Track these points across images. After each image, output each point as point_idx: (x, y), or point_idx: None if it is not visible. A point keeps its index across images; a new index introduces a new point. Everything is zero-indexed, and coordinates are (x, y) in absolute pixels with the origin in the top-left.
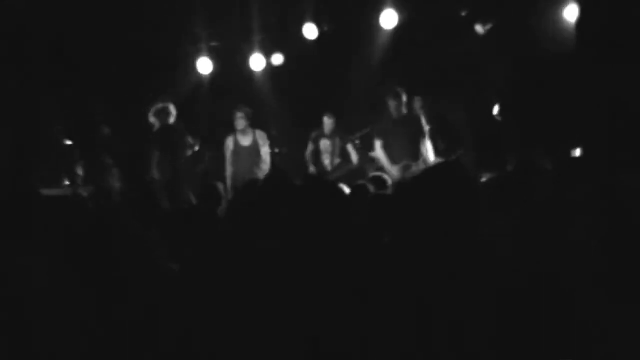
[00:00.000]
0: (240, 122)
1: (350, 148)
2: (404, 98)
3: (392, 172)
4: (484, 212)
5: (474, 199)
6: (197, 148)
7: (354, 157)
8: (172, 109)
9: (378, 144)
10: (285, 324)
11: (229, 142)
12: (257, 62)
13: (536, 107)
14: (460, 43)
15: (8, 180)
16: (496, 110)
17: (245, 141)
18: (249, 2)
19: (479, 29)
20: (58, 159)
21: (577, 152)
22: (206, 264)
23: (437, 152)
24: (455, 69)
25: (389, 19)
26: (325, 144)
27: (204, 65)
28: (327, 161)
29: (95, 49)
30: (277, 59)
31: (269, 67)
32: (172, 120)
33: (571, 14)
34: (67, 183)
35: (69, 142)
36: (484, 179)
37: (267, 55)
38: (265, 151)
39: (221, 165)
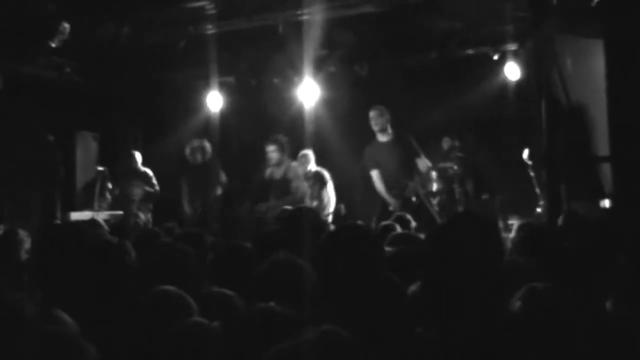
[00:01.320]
0: (273, 156)
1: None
2: (387, 117)
3: (391, 202)
4: (510, 261)
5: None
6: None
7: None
8: (208, 147)
9: (374, 174)
10: None
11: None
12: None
13: (567, 153)
14: (490, 83)
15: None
16: (526, 154)
17: (278, 174)
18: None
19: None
20: (90, 184)
21: None
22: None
23: (465, 194)
24: (485, 109)
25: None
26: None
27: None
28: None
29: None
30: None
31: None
32: (207, 157)
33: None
34: (96, 207)
35: (100, 168)
36: (510, 222)
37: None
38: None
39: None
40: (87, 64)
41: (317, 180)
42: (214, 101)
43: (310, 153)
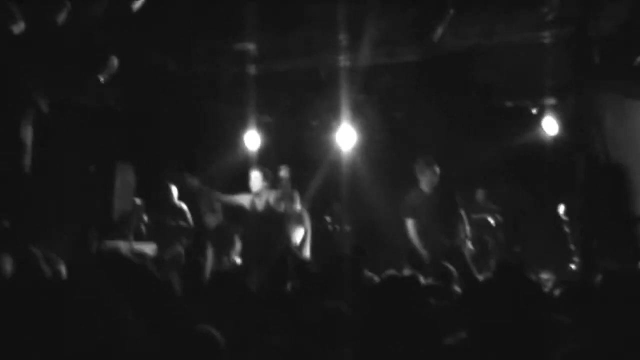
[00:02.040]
0: (256, 183)
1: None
2: (437, 170)
3: (423, 254)
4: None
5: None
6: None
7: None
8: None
9: (410, 224)
10: None
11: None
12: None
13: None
14: (530, 136)
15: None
16: (562, 209)
17: (260, 204)
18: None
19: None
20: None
21: None
22: None
23: (498, 244)
24: (521, 161)
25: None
26: None
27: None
28: None
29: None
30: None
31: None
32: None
33: None
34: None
35: (137, 200)
36: (544, 276)
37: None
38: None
39: None
40: (131, 94)
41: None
42: (252, 139)
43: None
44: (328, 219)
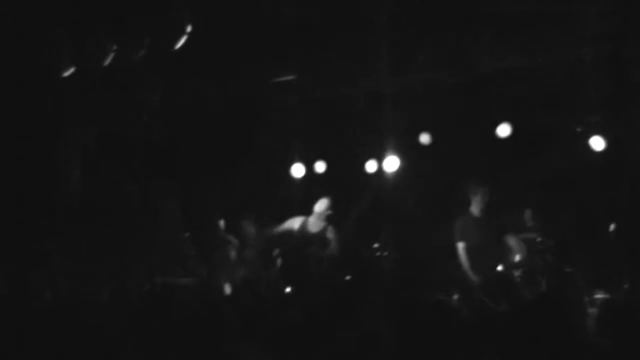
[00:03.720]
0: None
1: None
2: (488, 191)
3: (473, 278)
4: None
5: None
6: None
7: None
8: None
9: (461, 247)
10: None
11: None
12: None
13: None
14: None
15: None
16: (612, 227)
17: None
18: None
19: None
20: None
21: None
22: None
23: (547, 265)
24: (569, 180)
25: (503, 130)
26: None
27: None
28: None
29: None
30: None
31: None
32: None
33: None
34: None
35: (186, 234)
36: (597, 296)
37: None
38: None
39: None
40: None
41: None
42: (299, 171)
43: None
44: (376, 245)
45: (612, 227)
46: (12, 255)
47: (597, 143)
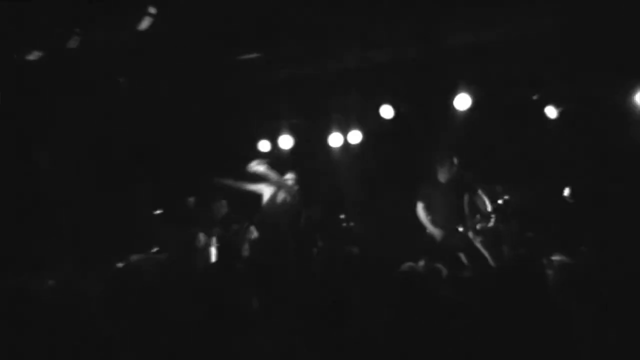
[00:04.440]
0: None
1: None
2: (455, 160)
3: (434, 232)
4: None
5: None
6: None
7: None
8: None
9: (420, 206)
10: None
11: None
12: (334, 139)
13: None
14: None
15: None
16: (567, 192)
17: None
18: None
19: (551, 111)
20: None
21: None
22: None
23: (511, 233)
24: (527, 150)
25: (462, 101)
26: None
27: (285, 141)
28: None
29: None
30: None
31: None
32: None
33: None
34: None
35: (158, 212)
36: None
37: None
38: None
39: None
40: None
41: None
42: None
43: None
44: (342, 216)
45: (566, 191)
46: None
47: (551, 112)
